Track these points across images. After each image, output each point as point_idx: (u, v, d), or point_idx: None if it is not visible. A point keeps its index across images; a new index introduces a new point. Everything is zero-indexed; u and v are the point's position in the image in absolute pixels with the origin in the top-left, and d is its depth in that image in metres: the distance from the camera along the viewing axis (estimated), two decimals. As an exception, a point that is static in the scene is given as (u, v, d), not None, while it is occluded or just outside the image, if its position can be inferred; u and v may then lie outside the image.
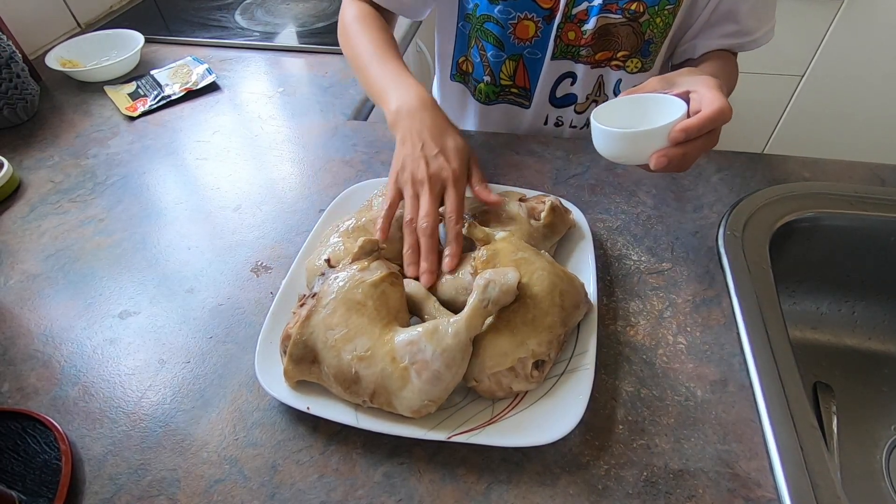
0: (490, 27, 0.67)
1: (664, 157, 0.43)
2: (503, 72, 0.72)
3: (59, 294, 0.55)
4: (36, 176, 0.70)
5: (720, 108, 0.42)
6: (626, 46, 0.65)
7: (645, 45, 0.65)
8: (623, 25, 0.63)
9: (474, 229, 0.47)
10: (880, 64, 1.39)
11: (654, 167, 0.43)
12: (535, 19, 0.65)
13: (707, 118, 0.41)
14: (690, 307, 0.50)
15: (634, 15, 0.62)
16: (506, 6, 0.64)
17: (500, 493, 0.39)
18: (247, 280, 0.55)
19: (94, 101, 0.84)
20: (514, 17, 0.65)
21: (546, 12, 0.64)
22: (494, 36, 0.68)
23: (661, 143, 0.43)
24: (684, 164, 0.44)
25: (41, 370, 0.48)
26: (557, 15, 0.64)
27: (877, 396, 0.63)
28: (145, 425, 0.44)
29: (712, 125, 0.42)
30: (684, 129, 0.42)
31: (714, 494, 0.38)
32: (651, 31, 0.64)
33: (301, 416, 0.43)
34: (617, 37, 0.65)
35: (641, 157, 0.45)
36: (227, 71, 0.89)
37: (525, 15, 0.65)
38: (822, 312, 0.67)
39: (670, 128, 0.43)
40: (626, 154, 0.46)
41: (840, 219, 0.60)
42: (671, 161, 0.43)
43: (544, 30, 0.66)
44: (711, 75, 0.46)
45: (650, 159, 0.44)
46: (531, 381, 0.41)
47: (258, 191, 0.66)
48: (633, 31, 0.64)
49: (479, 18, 0.68)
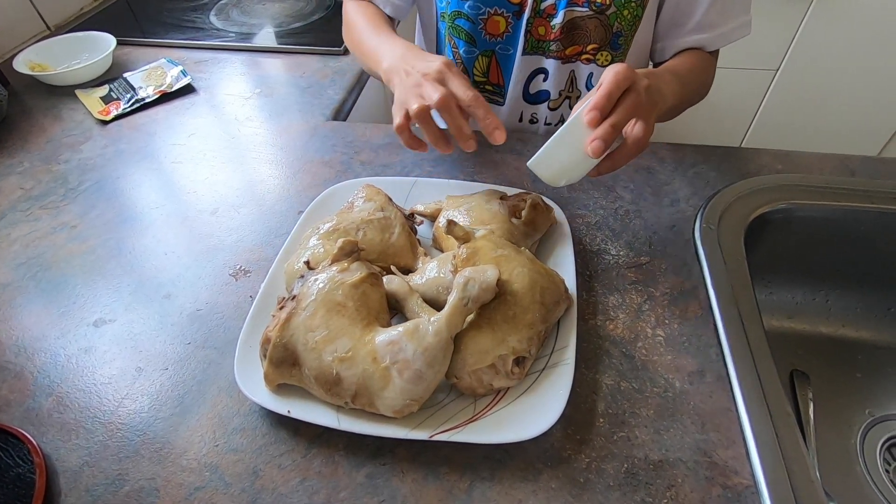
0: (461, 23, 0.68)
1: (596, 140, 0.42)
2: (476, 68, 0.72)
3: (31, 303, 0.53)
4: (5, 182, 0.68)
5: (614, 71, 0.42)
6: (594, 39, 0.66)
7: (614, 38, 0.66)
8: (590, 18, 0.64)
9: (454, 227, 0.47)
10: (852, 58, 1.43)
11: (593, 155, 0.43)
12: (505, 14, 0.66)
13: (608, 83, 0.42)
14: (668, 300, 0.51)
15: (601, 8, 0.63)
16: (475, 2, 0.65)
17: (482, 490, 0.39)
18: (225, 284, 0.54)
19: (65, 105, 0.82)
20: (484, 13, 0.66)
21: (515, 7, 0.65)
22: (466, 32, 0.68)
23: (587, 135, 0.43)
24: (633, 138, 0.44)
25: (13, 382, 0.47)
26: (526, 10, 0.64)
27: (851, 382, 0.65)
28: (122, 434, 0.43)
29: (617, 87, 0.42)
30: (592, 106, 0.42)
31: (693, 483, 0.39)
32: (619, 23, 0.64)
33: (282, 420, 0.43)
34: (585, 30, 0.65)
35: (582, 161, 0.45)
36: (202, 73, 0.88)
37: (495, 10, 0.65)
38: (797, 302, 0.69)
39: (581, 118, 0.43)
40: (567, 166, 0.46)
41: (812, 210, 0.61)
42: (605, 139, 0.42)
43: (514, 25, 0.66)
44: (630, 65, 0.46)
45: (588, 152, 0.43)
46: (512, 378, 0.42)
47: (236, 193, 0.65)
48: (600, 24, 0.65)
49: (450, 15, 0.68)
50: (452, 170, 0.66)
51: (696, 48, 0.66)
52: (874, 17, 1.35)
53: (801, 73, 1.48)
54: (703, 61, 0.66)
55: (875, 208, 0.60)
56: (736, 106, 1.59)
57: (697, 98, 0.67)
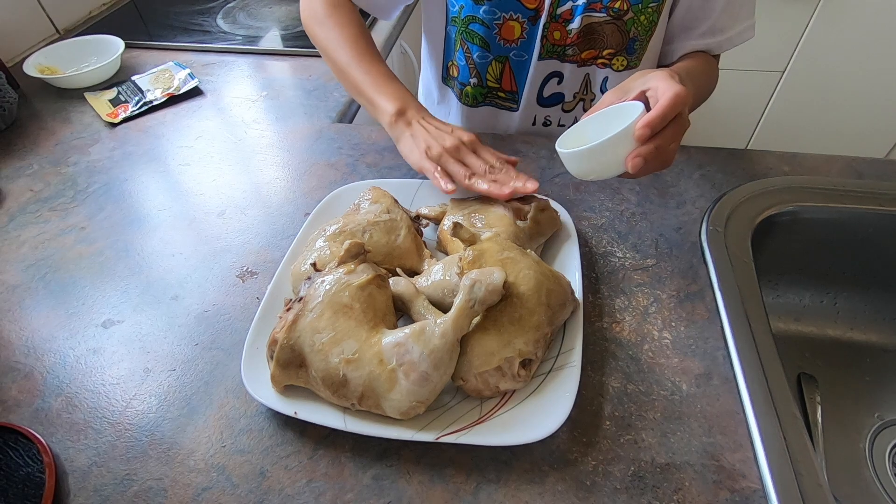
0: (475, 28, 0.68)
1: (639, 158, 0.43)
2: (489, 73, 0.72)
3: (41, 304, 0.54)
4: (15, 185, 0.69)
5: (675, 93, 0.42)
6: (611, 44, 0.66)
7: (630, 43, 0.66)
8: (607, 24, 0.64)
9: (460, 229, 0.47)
10: (858, 59, 1.42)
11: (632, 171, 0.44)
12: (521, 20, 0.66)
13: (666, 106, 0.42)
14: (675, 302, 0.51)
15: (618, 13, 0.63)
16: (491, 6, 0.65)
17: (489, 492, 0.39)
18: (232, 286, 0.54)
19: (73, 108, 0.82)
20: (500, 18, 0.66)
21: (531, 12, 0.65)
22: (480, 37, 0.68)
23: (630, 146, 0.43)
24: (662, 157, 0.44)
25: (22, 382, 0.47)
26: (543, 15, 0.64)
27: (859, 385, 0.64)
28: (131, 435, 0.43)
29: (673, 111, 0.43)
30: (646, 124, 0.42)
31: (700, 487, 0.39)
32: (636, 28, 0.64)
33: (289, 421, 0.43)
34: (602, 35, 0.65)
35: (615, 167, 0.45)
36: (209, 75, 0.89)
37: (510, 15, 0.65)
38: (804, 304, 0.68)
39: (632, 129, 0.43)
40: (599, 168, 0.46)
41: (819, 212, 0.61)
42: (647, 159, 0.43)
43: (530, 30, 0.66)
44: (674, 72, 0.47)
45: (626, 165, 0.44)
46: (518, 381, 0.41)
47: (243, 195, 0.65)
48: (617, 30, 0.65)
49: (464, 20, 0.68)
50: (458, 172, 0.66)
51: (702, 51, 0.66)
52: (880, 18, 1.34)
53: (807, 75, 1.47)
54: (709, 64, 0.66)
55: (882, 210, 0.60)
56: (742, 107, 1.58)
57: (703, 101, 0.67)
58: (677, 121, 0.44)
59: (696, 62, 0.65)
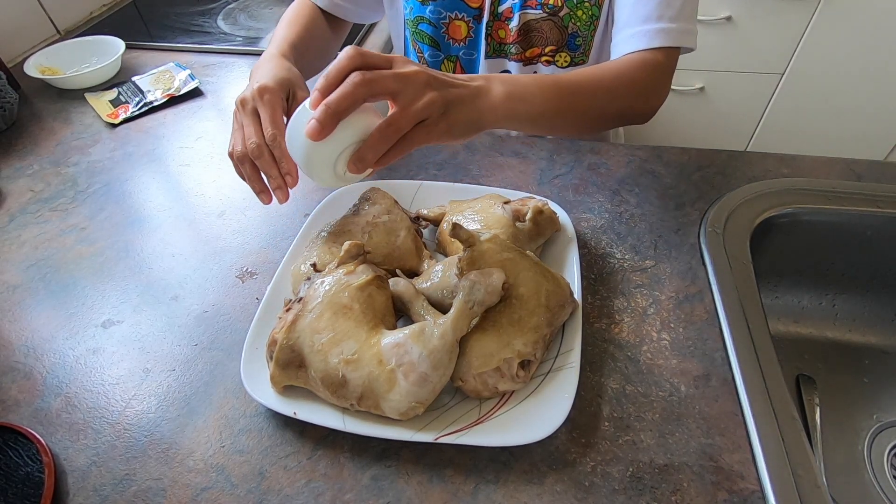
0: (424, 28, 0.69)
1: (312, 121, 0.38)
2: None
3: (41, 304, 0.54)
4: (15, 185, 0.69)
5: (344, 52, 0.40)
6: (550, 41, 0.66)
7: (570, 39, 0.66)
8: (544, 20, 0.65)
9: (459, 230, 0.48)
10: (858, 61, 1.42)
11: (308, 135, 0.39)
12: (466, 19, 0.66)
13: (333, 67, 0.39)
14: (674, 304, 0.51)
15: (553, 9, 0.64)
16: (436, 6, 0.66)
17: (487, 493, 0.39)
18: (232, 286, 0.55)
19: (74, 108, 0.83)
20: (446, 18, 0.67)
21: (475, 11, 0.66)
22: (429, 37, 0.69)
23: (307, 116, 0.40)
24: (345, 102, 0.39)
25: (22, 382, 0.47)
26: (485, 13, 0.65)
27: (858, 387, 0.64)
28: (130, 435, 0.43)
29: (335, 70, 0.39)
30: (319, 88, 0.39)
31: (698, 487, 0.39)
32: (574, 24, 0.65)
33: (288, 422, 0.43)
34: (540, 32, 0.66)
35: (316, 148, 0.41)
36: (210, 76, 0.89)
37: (455, 15, 0.66)
38: (803, 306, 0.68)
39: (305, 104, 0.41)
40: (305, 156, 0.42)
41: (818, 214, 0.61)
42: (320, 119, 0.38)
43: (475, 29, 0.67)
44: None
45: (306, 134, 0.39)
46: (517, 382, 0.42)
47: (242, 196, 0.65)
48: (555, 26, 0.65)
49: (413, 21, 0.69)
50: (457, 173, 0.66)
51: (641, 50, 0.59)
52: (880, 20, 1.35)
53: (806, 77, 1.48)
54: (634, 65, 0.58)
55: (881, 213, 0.60)
56: (741, 109, 1.58)
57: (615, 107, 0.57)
58: (355, 76, 0.38)
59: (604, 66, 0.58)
